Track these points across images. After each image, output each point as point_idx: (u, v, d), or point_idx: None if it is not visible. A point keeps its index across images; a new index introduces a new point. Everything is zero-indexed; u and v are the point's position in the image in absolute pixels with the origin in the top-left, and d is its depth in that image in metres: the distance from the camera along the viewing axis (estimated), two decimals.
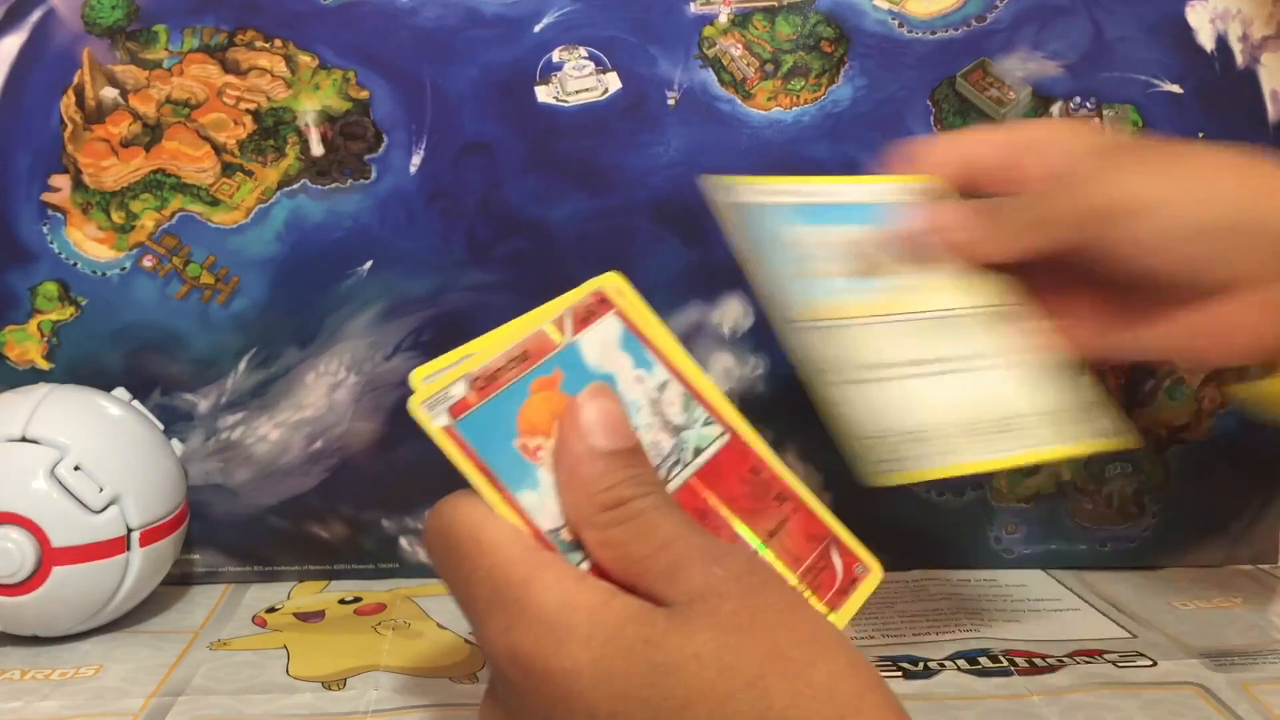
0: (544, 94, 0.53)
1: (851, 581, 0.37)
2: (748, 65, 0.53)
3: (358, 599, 0.53)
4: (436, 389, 0.34)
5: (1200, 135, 0.53)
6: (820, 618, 0.31)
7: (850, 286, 0.43)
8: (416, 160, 0.53)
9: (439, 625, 0.50)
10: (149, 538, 0.48)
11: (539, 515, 0.33)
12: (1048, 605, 0.52)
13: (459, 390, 0.34)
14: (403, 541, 0.56)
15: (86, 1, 0.52)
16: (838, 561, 0.37)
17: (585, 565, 0.33)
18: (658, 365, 0.37)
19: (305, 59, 0.53)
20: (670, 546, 0.31)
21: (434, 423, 0.33)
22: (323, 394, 0.54)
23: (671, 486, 0.36)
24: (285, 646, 0.48)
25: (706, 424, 0.37)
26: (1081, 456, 0.52)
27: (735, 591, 0.30)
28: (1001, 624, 0.50)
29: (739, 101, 0.53)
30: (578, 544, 0.33)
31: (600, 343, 0.37)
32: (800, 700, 0.28)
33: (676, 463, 0.36)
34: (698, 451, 0.37)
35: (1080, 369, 0.44)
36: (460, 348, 0.35)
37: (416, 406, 0.34)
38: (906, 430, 0.40)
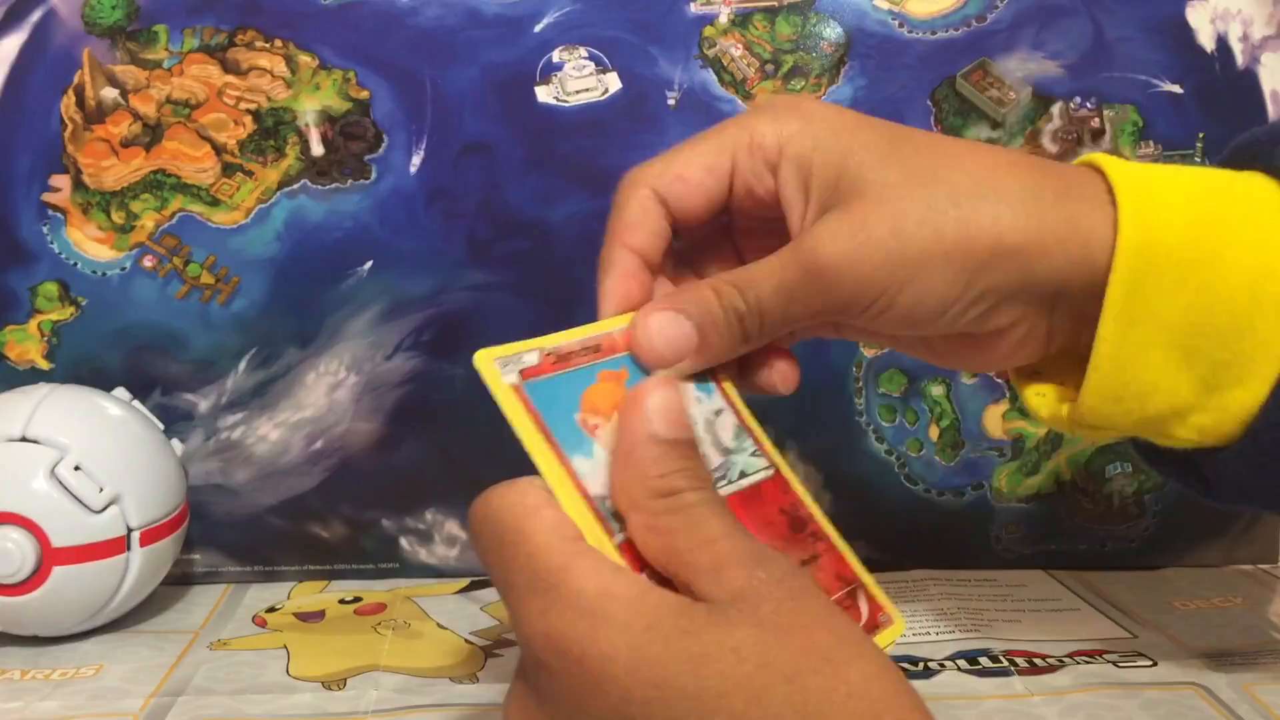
0: (544, 94, 0.53)
1: (874, 628, 0.37)
2: (748, 65, 0.53)
3: (358, 599, 0.53)
4: (509, 352, 0.34)
5: (1200, 136, 0.53)
6: (854, 624, 0.31)
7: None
8: (416, 160, 0.53)
9: (439, 625, 0.50)
10: (149, 538, 0.48)
11: (590, 480, 0.33)
12: (1048, 605, 0.52)
13: (532, 358, 0.35)
14: (403, 541, 0.56)
15: (86, 1, 0.52)
16: (863, 606, 0.37)
17: (623, 536, 0.33)
18: (717, 393, 0.38)
19: (305, 59, 0.53)
20: (717, 543, 0.31)
21: (503, 379, 0.34)
22: (323, 394, 0.54)
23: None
24: (285, 646, 0.48)
25: (754, 455, 0.38)
26: None
27: (775, 595, 0.30)
28: (1001, 624, 0.50)
29: (739, 101, 0.53)
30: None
31: None
32: (836, 697, 0.28)
33: (722, 478, 0.37)
34: (743, 475, 0.37)
35: None
36: (535, 339, 0.36)
37: (488, 362, 0.34)
38: None
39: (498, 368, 0.34)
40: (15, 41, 0.52)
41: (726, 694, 0.28)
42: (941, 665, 0.46)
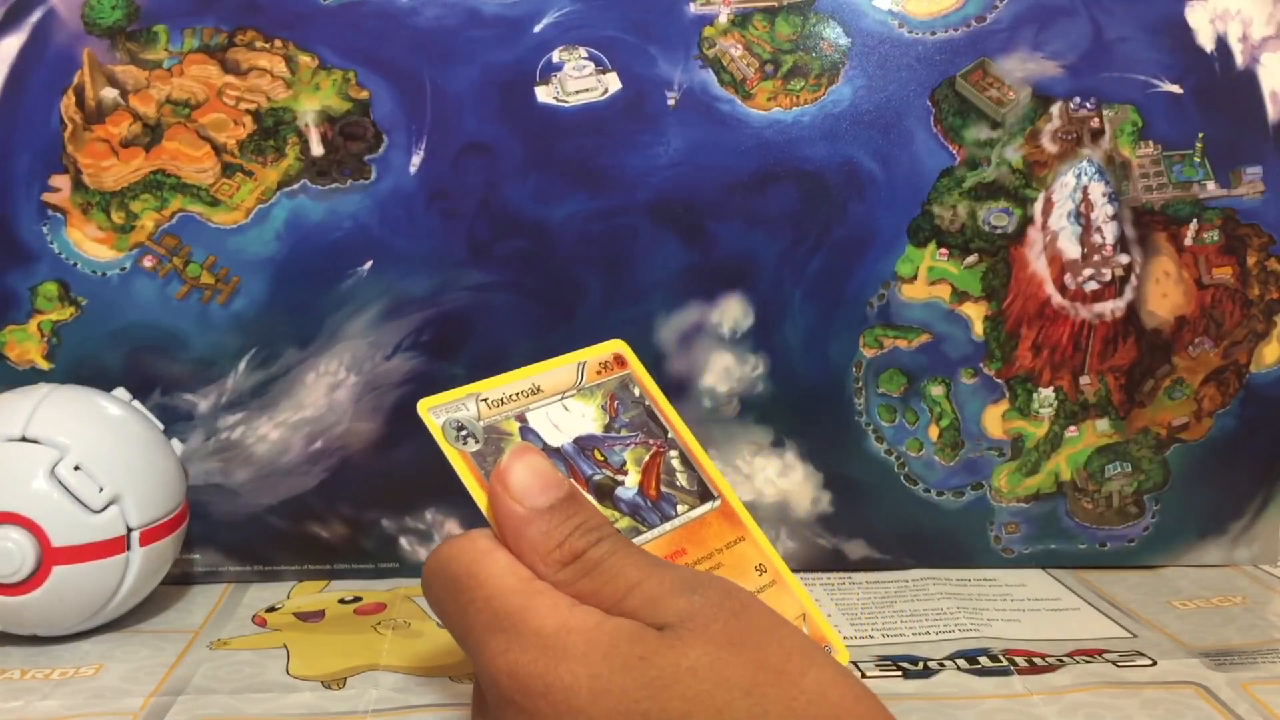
0: (544, 94, 0.53)
1: None
2: (748, 65, 0.53)
3: (358, 599, 0.53)
4: (447, 400, 0.35)
5: (1200, 136, 0.53)
6: (802, 634, 0.32)
7: None
8: (416, 160, 0.53)
9: (439, 625, 0.50)
10: (149, 537, 0.48)
11: None
12: (1047, 605, 0.52)
13: (470, 405, 0.35)
14: (403, 541, 0.56)
15: (86, 1, 0.52)
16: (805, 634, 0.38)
17: None
18: (670, 431, 0.39)
19: (305, 59, 0.53)
20: (641, 586, 0.32)
21: (441, 428, 0.35)
22: (323, 394, 0.54)
23: (656, 533, 0.38)
24: (285, 646, 0.48)
25: (699, 488, 0.39)
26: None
27: (719, 615, 0.31)
28: (1001, 624, 0.50)
29: (739, 102, 0.53)
30: None
31: None
32: (796, 705, 0.29)
33: (665, 517, 0.37)
34: (690, 508, 0.38)
35: None
36: (473, 384, 0.37)
37: (425, 410, 0.34)
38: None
39: (435, 418, 0.35)
40: (15, 41, 0.52)
41: (688, 714, 0.29)
42: (941, 665, 0.46)
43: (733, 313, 0.54)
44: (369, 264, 0.53)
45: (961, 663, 0.46)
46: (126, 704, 0.42)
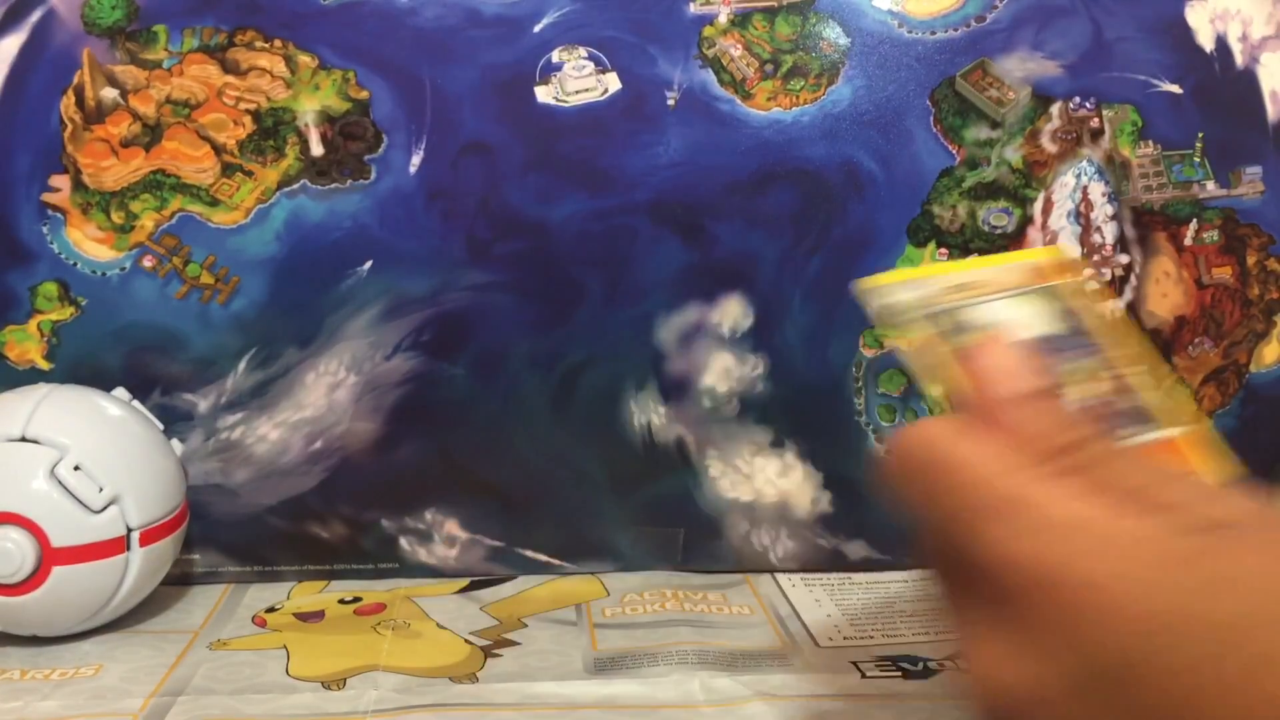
0: (544, 94, 0.53)
1: None
2: (747, 65, 0.53)
3: (358, 599, 0.53)
4: (893, 280, 0.34)
5: (1200, 135, 0.53)
6: None
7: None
8: (416, 160, 0.53)
9: (439, 625, 0.50)
10: (149, 538, 0.48)
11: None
12: None
13: (921, 288, 0.34)
14: (402, 541, 0.56)
15: (86, 1, 0.52)
16: None
17: None
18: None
19: (305, 59, 0.53)
20: (1155, 487, 0.28)
21: (890, 308, 0.33)
22: (323, 394, 0.54)
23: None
24: (285, 646, 0.48)
25: (1160, 407, 0.35)
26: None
27: (1265, 523, 0.27)
28: None
29: (739, 102, 0.53)
30: None
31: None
32: None
33: (1124, 433, 0.34)
34: (1140, 433, 0.35)
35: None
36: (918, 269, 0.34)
37: (870, 288, 0.33)
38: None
39: (886, 299, 0.33)
40: (15, 41, 0.52)
41: (1261, 625, 0.24)
42: (941, 665, 0.46)
43: (733, 313, 0.54)
44: (369, 264, 0.53)
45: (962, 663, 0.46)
46: (126, 704, 0.42)
